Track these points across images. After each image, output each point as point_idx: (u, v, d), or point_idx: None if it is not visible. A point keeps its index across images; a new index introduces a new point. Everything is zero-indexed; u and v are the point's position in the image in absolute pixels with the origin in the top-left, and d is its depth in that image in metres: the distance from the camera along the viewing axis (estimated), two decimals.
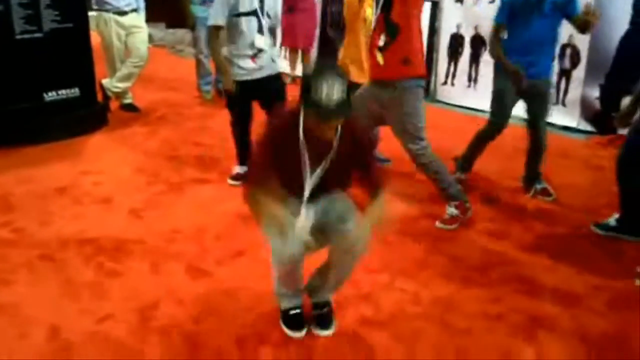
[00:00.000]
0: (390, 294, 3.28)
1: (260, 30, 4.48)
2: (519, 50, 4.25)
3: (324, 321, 2.95)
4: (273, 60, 4.65)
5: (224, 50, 4.61)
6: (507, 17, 4.30)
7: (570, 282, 3.44)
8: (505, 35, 4.38)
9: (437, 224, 4.08)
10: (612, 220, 3.98)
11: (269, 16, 4.54)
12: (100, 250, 3.68)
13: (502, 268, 3.59)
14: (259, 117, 4.52)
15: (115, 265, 3.53)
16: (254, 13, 4.44)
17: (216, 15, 4.46)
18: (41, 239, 3.82)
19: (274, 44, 4.81)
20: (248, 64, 4.50)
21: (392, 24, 3.82)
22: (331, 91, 2.38)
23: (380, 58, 3.90)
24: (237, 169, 4.81)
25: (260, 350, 2.79)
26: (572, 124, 6.26)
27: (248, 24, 4.44)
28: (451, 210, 4.09)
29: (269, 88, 4.59)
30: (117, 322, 2.99)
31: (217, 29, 4.48)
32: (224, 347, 2.81)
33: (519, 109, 4.56)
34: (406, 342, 2.89)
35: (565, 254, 3.75)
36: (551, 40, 4.36)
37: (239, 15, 4.41)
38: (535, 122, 4.49)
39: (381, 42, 3.87)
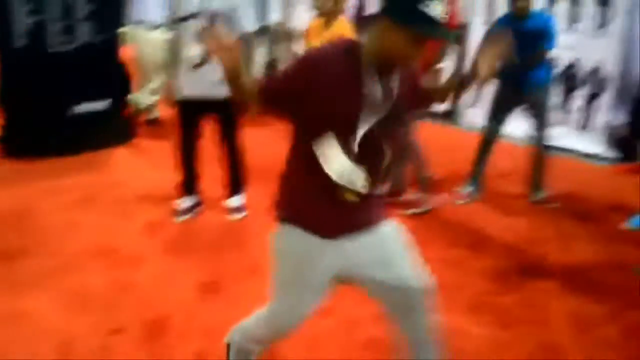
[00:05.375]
0: None
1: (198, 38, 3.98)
2: None
3: None
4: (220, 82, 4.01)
5: None
6: None
7: (584, 309, 3.41)
8: None
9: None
10: None
11: (218, 20, 3.95)
12: (115, 261, 3.74)
13: (514, 293, 3.56)
14: None
15: (129, 276, 3.58)
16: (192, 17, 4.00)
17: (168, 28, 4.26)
18: (57, 249, 3.89)
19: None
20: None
21: None
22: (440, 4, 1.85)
23: None
24: (183, 201, 4.47)
25: None
26: (597, 150, 6.18)
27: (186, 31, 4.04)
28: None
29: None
30: (127, 335, 3.03)
31: (168, 41, 4.23)
32: None
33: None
34: None
35: (580, 282, 3.71)
36: None
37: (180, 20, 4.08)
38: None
39: None
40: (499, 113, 4.82)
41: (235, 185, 4.48)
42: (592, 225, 4.47)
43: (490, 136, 4.88)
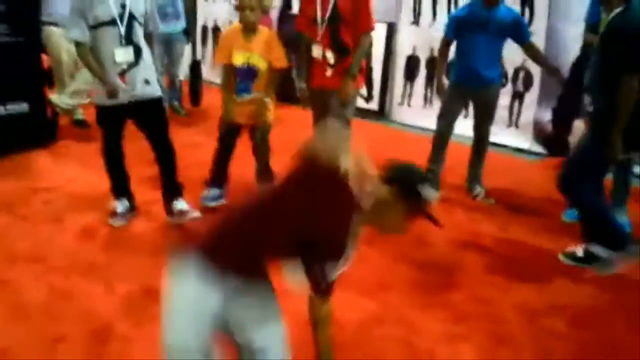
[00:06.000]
0: (353, 314, 3.23)
1: (121, 41, 3.81)
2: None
3: None
4: (147, 82, 3.97)
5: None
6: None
7: (531, 302, 3.46)
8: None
9: None
10: (579, 250, 3.88)
11: (138, 22, 3.87)
12: (51, 269, 3.54)
13: (463, 289, 3.59)
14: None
15: (66, 285, 3.39)
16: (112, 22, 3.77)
17: (72, 30, 3.82)
18: None
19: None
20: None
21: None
22: None
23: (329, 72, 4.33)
24: (117, 206, 4.26)
25: None
26: (525, 145, 6.36)
27: (106, 36, 3.80)
28: None
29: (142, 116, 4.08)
30: (70, 345, 2.86)
31: (79, 45, 3.82)
32: None
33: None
34: None
35: (524, 275, 3.77)
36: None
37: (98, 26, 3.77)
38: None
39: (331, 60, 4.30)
40: (452, 110, 4.82)
41: (175, 187, 4.29)
42: (530, 219, 4.55)
43: (444, 134, 4.85)
